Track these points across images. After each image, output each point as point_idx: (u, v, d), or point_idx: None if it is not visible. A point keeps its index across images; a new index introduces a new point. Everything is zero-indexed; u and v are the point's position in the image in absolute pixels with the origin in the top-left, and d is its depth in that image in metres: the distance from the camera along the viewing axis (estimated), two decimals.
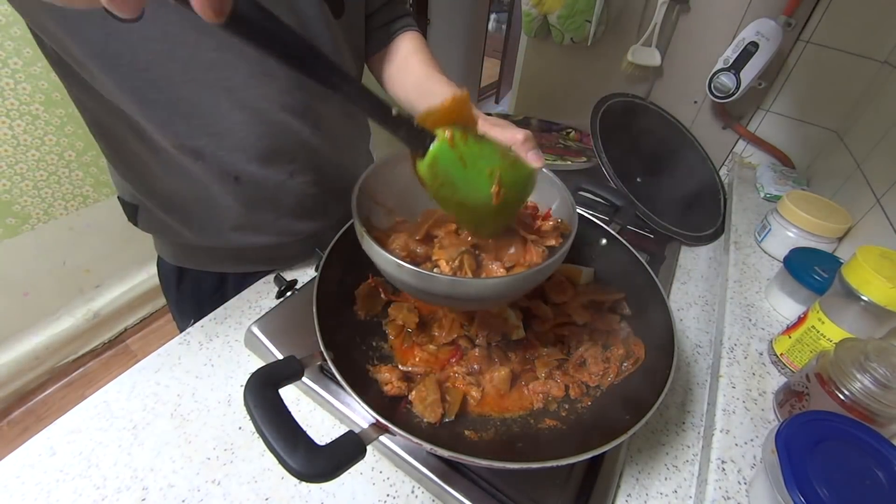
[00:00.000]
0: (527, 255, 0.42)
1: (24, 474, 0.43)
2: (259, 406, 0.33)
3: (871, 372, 0.41)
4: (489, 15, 3.03)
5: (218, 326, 0.59)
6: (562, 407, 0.48)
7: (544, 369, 0.50)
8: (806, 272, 0.59)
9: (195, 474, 0.45)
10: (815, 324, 0.51)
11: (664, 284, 0.65)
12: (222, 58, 0.49)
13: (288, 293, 0.61)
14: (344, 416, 0.49)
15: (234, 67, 0.50)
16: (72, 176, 1.36)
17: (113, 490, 0.43)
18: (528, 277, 0.38)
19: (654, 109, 1.03)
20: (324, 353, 0.40)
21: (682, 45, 0.98)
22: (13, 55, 1.13)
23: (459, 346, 0.52)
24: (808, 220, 0.69)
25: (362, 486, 0.45)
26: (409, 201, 0.46)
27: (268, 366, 0.37)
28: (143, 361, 0.54)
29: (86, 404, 0.49)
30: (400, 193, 0.46)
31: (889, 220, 0.63)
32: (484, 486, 0.43)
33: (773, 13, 0.85)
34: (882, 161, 0.71)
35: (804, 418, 0.40)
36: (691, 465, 0.50)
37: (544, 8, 1.03)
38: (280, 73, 0.53)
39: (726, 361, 0.55)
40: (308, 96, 0.57)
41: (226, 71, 0.50)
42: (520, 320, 0.53)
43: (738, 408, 0.50)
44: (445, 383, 0.48)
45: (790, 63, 0.90)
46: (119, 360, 1.62)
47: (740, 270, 0.70)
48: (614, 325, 0.53)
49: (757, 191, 0.92)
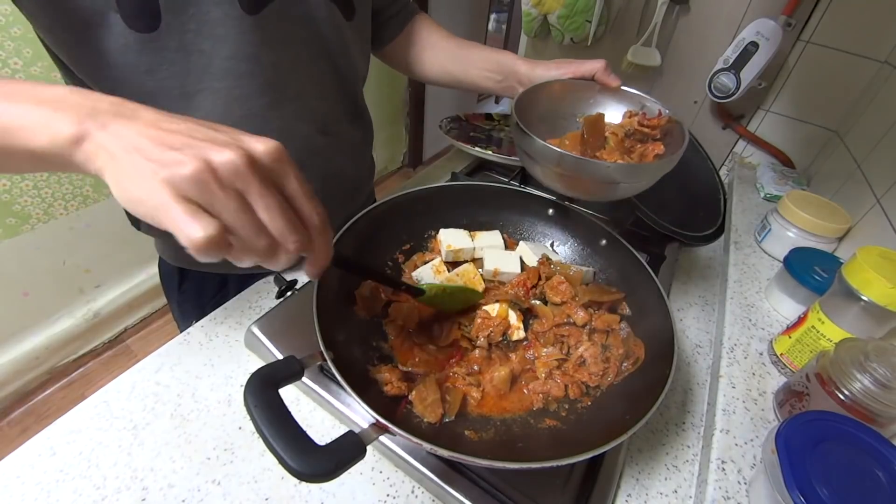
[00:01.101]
0: (654, 148, 0.54)
1: (24, 474, 0.43)
2: (259, 406, 0.33)
3: (871, 372, 0.41)
4: (489, 15, 3.03)
5: (218, 326, 0.59)
6: (562, 407, 0.48)
7: (544, 369, 0.50)
8: (806, 272, 0.59)
9: (195, 474, 0.45)
10: (815, 324, 0.51)
11: (664, 284, 0.65)
12: (236, 67, 0.49)
13: (288, 293, 0.61)
14: (344, 416, 0.49)
15: (248, 76, 0.50)
16: (72, 176, 1.36)
17: (113, 490, 0.43)
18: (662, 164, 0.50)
19: None
20: (324, 353, 0.40)
21: (682, 45, 0.98)
22: (13, 55, 1.13)
23: (459, 346, 0.52)
24: (808, 220, 0.69)
25: (362, 486, 0.45)
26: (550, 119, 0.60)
27: (268, 366, 0.37)
28: (143, 361, 0.54)
29: (86, 404, 0.49)
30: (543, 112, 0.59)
31: (889, 220, 0.63)
32: (484, 486, 0.43)
33: (773, 13, 0.85)
34: (882, 161, 0.71)
35: (804, 418, 0.40)
36: (691, 465, 0.50)
37: (544, 8, 1.03)
38: (295, 79, 0.53)
39: (726, 361, 0.55)
40: (321, 102, 0.58)
41: (239, 80, 0.50)
42: (520, 321, 0.53)
43: (738, 408, 0.50)
44: (445, 383, 0.48)
45: (790, 63, 0.90)
46: (119, 360, 1.62)
47: (740, 270, 0.70)
48: (614, 325, 0.53)
49: (757, 191, 0.92)
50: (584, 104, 0.60)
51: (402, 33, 0.69)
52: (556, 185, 0.55)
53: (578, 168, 0.49)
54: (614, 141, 0.55)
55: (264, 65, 0.50)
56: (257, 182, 0.25)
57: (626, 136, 0.56)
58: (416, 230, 0.64)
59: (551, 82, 0.58)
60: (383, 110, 2.43)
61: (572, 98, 0.60)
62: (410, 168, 2.82)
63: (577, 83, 0.59)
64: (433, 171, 1.01)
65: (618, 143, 0.55)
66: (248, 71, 0.50)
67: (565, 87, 0.59)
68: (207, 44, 0.46)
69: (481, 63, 0.65)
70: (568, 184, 0.54)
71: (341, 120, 0.63)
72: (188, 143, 0.25)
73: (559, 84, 0.59)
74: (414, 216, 0.62)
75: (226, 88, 0.49)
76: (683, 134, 0.52)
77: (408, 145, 2.74)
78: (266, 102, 0.52)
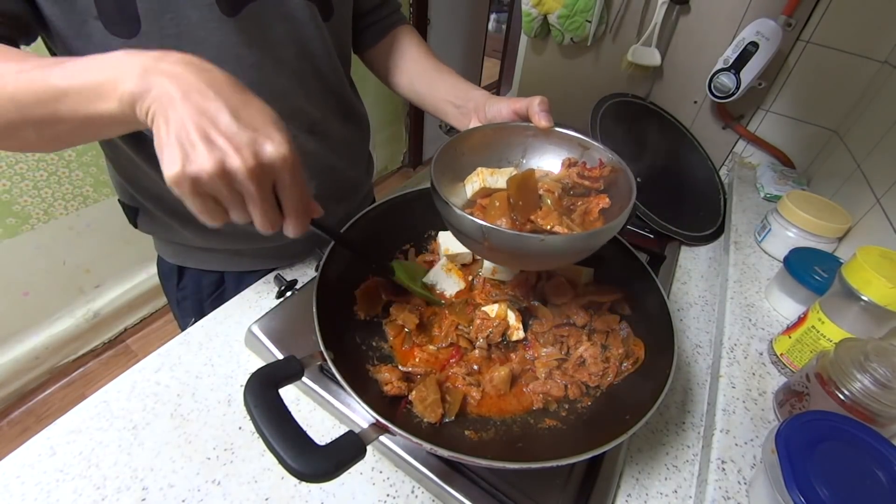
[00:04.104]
0: (598, 202, 0.47)
1: (24, 474, 0.43)
2: (259, 406, 0.33)
3: (871, 372, 0.41)
4: (489, 15, 3.02)
5: (218, 326, 0.59)
6: (562, 407, 0.48)
7: (544, 369, 0.50)
8: (806, 272, 0.59)
9: (195, 474, 0.45)
10: (815, 324, 0.51)
11: (664, 284, 0.65)
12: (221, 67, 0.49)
13: (288, 293, 0.61)
14: (344, 416, 0.49)
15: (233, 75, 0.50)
16: (72, 176, 1.36)
17: (113, 490, 0.43)
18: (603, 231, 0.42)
19: (654, 109, 1.03)
20: (324, 353, 0.40)
21: (682, 45, 0.98)
22: None
23: (459, 346, 0.52)
24: (808, 220, 0.69)
25: (362, 486, 0.45)
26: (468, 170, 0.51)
27: (268, 366, 0.37)
28: (143, 361, 0.54)
29: (86, 404, 0.49)
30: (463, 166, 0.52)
31: (889, 220, 0.63)
32: (484, 486, 0.43)
33: (773, 13, 0.85)
34: (882, 161, 0.71)
35: (804, 418, 0.40)
36: (691, 465, 0.50)
37: (544, 8, 1.03)
38: (278, 80, 0.53)
39: (726, 361, 0.55)
40: (306, 102, 0.57)
41: None
42: (518, 321, 0.53)
43: (738, 408, 0.50)
44: (445, 383, 0.48)
45: (790, 63, 0.90)
46: (119, 360, 1.62)
47: (740, 270, 0.70)
48: (614, 325, 0.53)
49: (757, 191, 0.92)
50: (516, 151, 0.53)
51: (383, 42, 0.69)
52: (490, 260, 0.50)
53: (505, 243, 0.40)
54: (552, 200, 0.46)
55: (246, 66, 0.50)
56: (253, 187, 0.32)
57: (565, 192, 0.48)
58: (416, 230, 0.64)
59: (480, 128, 0.52)
60: (383, 110, 2.43)
61: (503, 145, 0.52)
62: (410, 168, 2.82)
63: (509, 127, 0.52)
64: None
65: (555, 202, 0.46)
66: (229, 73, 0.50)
67: (496, 133, 0.52)
68: (188, 47, 0.46)
69: (447, 89, 0.63)
70: (502, 259, 0.48)
71: (329, 119, 0.63)
72: (215, 140, 0.30)
73: (490, 130, 0.52)
74: (414, 216, 0.62)
75: None
76: (630, 183, 0.44)
77: (408, 145, 2.74)
78: None
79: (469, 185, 0.49)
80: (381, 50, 0.69)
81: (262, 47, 0.51)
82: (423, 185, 0.63)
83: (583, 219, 0.46)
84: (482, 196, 0.49)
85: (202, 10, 0.45)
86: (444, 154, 0.48)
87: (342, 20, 0.60)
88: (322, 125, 0.61)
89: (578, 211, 0.47)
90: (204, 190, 0.31)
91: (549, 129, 0.50)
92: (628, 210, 0.42)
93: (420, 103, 0.68)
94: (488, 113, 0.55)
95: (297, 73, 0.55)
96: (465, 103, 0.60)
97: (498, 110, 0.54)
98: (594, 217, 0.46)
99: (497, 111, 0.54)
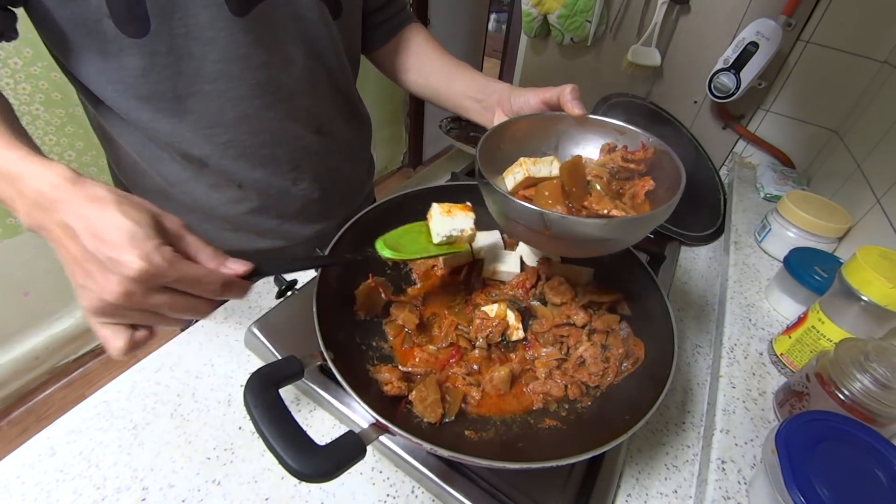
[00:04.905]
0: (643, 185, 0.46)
1: (24, 474, 0.43)
2: (259, 406, 0.33)
3: (871, 372, 0.41)
4: (489, 15, 3.03)
5: (218, 326, 0.59)
6: (562, 407, 0.48)
7: (544, 369, 0.50)
8: (806, 272, 0.59)
9: (195, 474, 0.45)
10: (815, 324, 0.51)
11: (664, 284, 0.65)
12: (227, 69, 0.49)
13: (288, 293, 0.61)
14: (344, 416, 0.49)
15: (238, 78, 0.50)
16: None
17: (113, 490, 0.43)
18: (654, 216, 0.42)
19: (654, 109, 1.03)
20: (324, 353, 0.40)
21: (682, 45, 0.98)
22: (13, 55, 1.13)
23: (459, 346, 0.52)
24: (808, 220, 0.69)
25: (362, 486, 0.45)
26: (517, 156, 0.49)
27: (268, 366, 0.37)
28: (143, 361, 0.54)
29: (86, 404, 0.49)
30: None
31: (889, 220, 0.63)
32: (484, 486, 0.43)
33: (773, 13, 0.85)
34: (882, 161, 0.71)
35: (804, 418, 0.40)
36: (691, 465, 0.50)
37: (544, 8, 1.03)
38: (286, 80, 0.53)
39: (726, 361, 0.55)
40: (314, 102, 0.57)
41: (230, 81, 0.50)
42: (518, 321, 0.53)
43: (738, 408, 0.50)
44: (445, 383, 0.48)
45: (790, 63, 0.90)
46: (119, 361, 1.62)
47: (740, 270, 0.70)
48: (614, 325, 0.53)
49: (757, 191, 0.92)
50: (550, 140, 0.52)
51: (393, 41, 0.68)
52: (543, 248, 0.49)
53: (569, 230, 0.39)
54: (601, 185, 0.47)
55: (255, 66, 0.50)
56: (135, 306, 0.32)
57: (612, 177, 0.48)
58: None
59: (516, 120, 0.52)
60: (383, 110, 2.43)
61: (538, 135, 0.52)
62: (410, 168, 2.82)
63: (543, 117, 0.51)
64: (433, 171, 1.01)
65: (605, 186, 0.46)
66: (238, 72, 0.49)
67: (532, 124, 0.51)
68: (197, 47, 0.46)
69: (466, 84, 0.62)
70: (558, 247, 0.47)
71: (336, 119, 0.63)
72: (90, 276, 0.31)
73: (525, 121, 0.51)
74: (414, 216, 0.62)
75: (218, 90, 0.50)
76: (676, 164, 0.44)
77: (408, 145, 2.74)
78: (259, 103, 0.52)
79: (511, 175, 0.48)
80: (392, 49, 0.69)
81: (271, 47, 0.51)
82: (423, 185, 0.63)
83: (632, 202, 0.46)
84: (524, 187, 0.47)
85: (211, 9, 0.45)
86: (485, 147, 0.47)
87: (351, 18, 0.60)
88: (329, 126, 0.61)
89: (627, 194, 0.47)
90: (119, 320, 0.33)
91: (584, 117, 0.50)
92: (681, 189, 0.42)
93: (437, 101, 0.67)
94: (514, 105, 0.54)
95: (305, 73, 0.55)
96: (488, 97, 0.59)
97: (525, 101, 0.53)
98: (641, 199, 0.46)
99: (524, 102, 0.53)
